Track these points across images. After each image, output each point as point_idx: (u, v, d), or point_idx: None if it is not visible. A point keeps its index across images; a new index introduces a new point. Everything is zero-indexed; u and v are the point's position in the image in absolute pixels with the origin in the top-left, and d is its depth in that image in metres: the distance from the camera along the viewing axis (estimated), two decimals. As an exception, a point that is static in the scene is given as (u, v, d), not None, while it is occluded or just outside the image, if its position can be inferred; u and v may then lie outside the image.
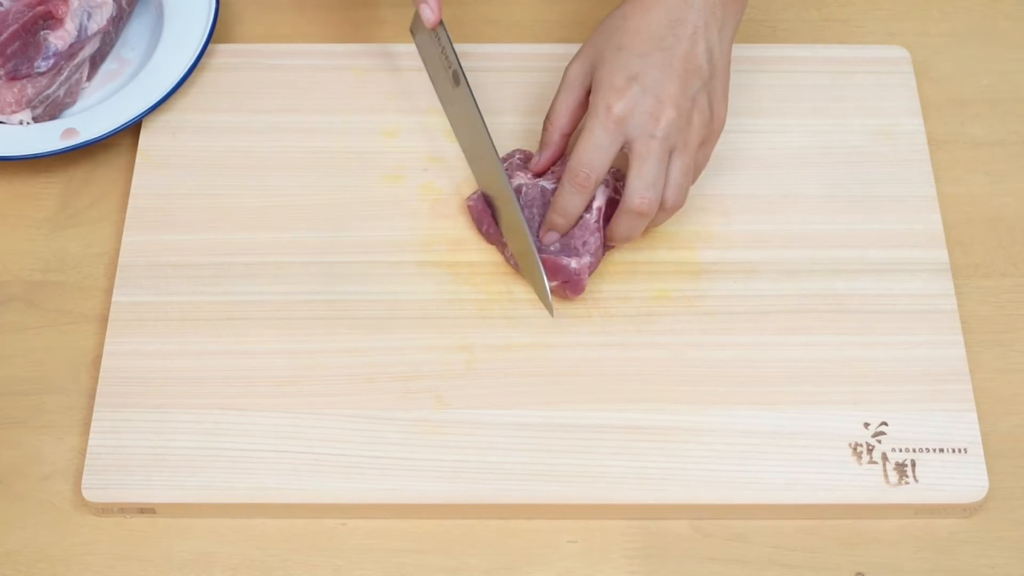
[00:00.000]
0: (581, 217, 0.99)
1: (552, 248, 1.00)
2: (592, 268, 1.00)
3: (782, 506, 0.93)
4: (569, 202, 0.99)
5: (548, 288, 0.99)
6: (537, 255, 0.99)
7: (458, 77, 1.03)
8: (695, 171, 1.00)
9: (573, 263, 0.98)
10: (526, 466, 0.94)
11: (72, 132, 1.07)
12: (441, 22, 1.03)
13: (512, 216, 1.00)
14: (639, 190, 0.97)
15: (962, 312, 1.01)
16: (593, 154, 0.97)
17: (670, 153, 0.97)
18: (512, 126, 1.08)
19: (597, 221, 1.00)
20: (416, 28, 1.06)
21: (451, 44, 1.03)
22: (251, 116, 1.10)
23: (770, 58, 1.13)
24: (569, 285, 0.99)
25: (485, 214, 1.02)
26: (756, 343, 0.99)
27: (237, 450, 0.95)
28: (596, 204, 1.00)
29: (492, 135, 1.02)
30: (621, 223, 0.98)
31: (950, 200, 1.07)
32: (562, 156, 1.03)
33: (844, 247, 1.03)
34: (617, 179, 1.03)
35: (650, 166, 0.96)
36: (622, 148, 0.97)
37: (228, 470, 0.94)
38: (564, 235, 1.00)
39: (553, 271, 0.99)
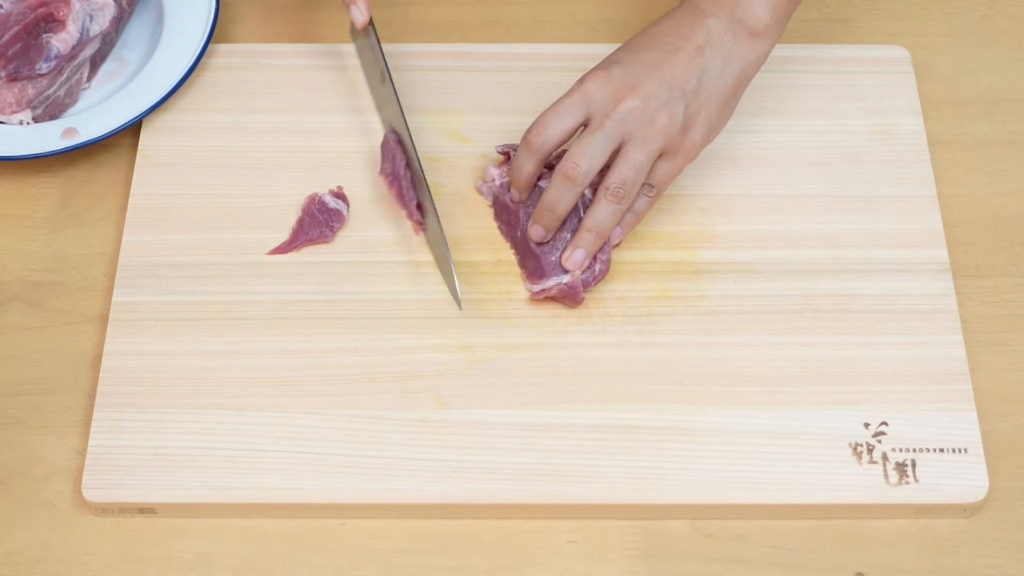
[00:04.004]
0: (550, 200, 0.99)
1: (553, 258, 0.99)
2: (598, 278, 0.99)
3: (782, 506, 0.93)
4: (518, 166, 0.99)
5: (458, 285, 0.99)
6: (450, 257, 0.99)
7: (384, 76, 1.05)
8: (659, 181, 0.99)
9: (566, 278, 0.99)
10: (526, 466, 0.94)
11: (72, 132, 1.07)
12: (371, 22, 1.06)
13: (432, 222, 1.01)
14: (573, 155, 0.97)
15: (962, 312, 1.01)
16: (550, 117, 0.98)
17: (622, 140, 0.97)
18: (510, 125, 1.08)
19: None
20: (353, 30, 1.08)
21: (379, 44, 1.05)
22: (251, 116, 1.10)
23: (770, 58, 1.12)
24: (567, 298, 0.99)
25: (396, 151, 1.03)
26: (756, 343, 0.99)
27: (237, 450, 0.95)
28: None
29: (492, 134, 1.02)
30: (550, 187, 0.98)
31: (950, 200, 1.07)
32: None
33: (844, 247, 1.03)
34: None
35: (594, 140, 0.96)
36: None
37: (228, 470, 0.94)
38: (552, 227, 0.99)
39: (549, 285, 0.99)
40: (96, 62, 1.12)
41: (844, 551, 0.93)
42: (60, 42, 1.08)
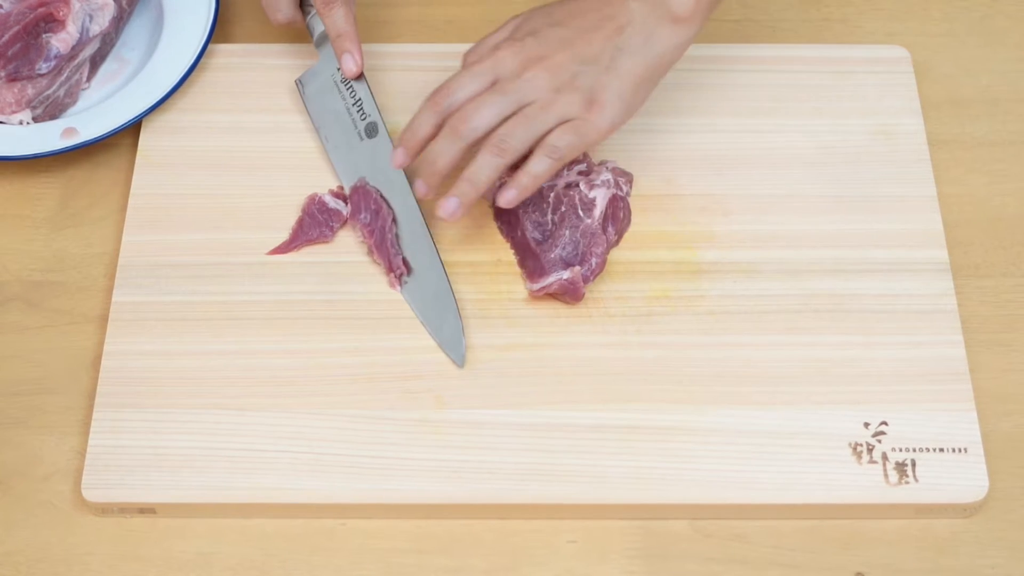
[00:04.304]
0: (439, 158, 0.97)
1: (552, 255, 0.99)
2: (596, 272, 0.99)
3: (782, 506, 0.93)
4: (417, 125, 0.98)
5: (463, 336, 0.98)
6: (455, 303, 0.99)
7: (374, 128, 1.04)
8: (560, 143, 0.95)
9: (566, 274, 0.98)
10: (526, 466, 0.94)
11: (72, 132, 1.07)
12: (362, 73, 1.06)
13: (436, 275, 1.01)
14: (466, 110, 0.96)
15: (962, 312, 1.01)
16: (457, 81, 0.97)
17: (520, 105, 0.96)
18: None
19: (600, 223, 1.00)
20: (308, 78, 1.08)
21: (370, 95, 1.06)
22: (251, 116, 1.10)
23: (770, 58, 1.13)
24: (568, 294, 0.99)
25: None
26: (756, 343, 0.99)
27: (237, 450, 0.95)
28: (598, 208, 1.01)
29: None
30: (435, 140, 0.97)
31: (950, 200, 1.07)
32: None
33: (844, 247, 1.03)
34: (617, 175, 1.03)
35: (490, 98, 0.96)
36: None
37: (228, 470, 0.94)
38: (434, 183, 0.98)
39: (550, 281, 0.99)
40: (96, 62, 1.12)
41: (844, 551, 0.93)
42: (60, 42, 1.08)
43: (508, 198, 0.96)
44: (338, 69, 1.07)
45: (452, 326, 0.98)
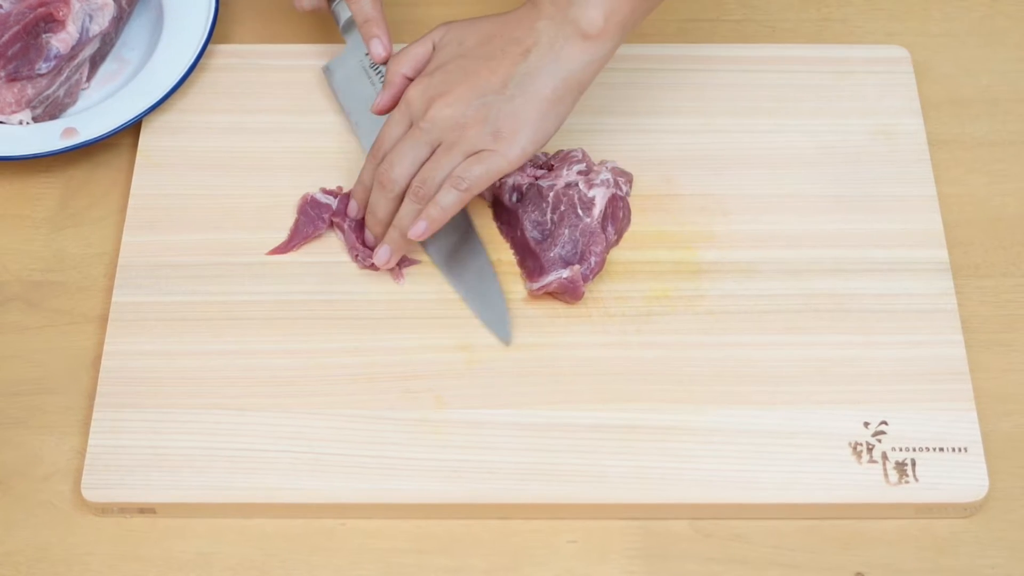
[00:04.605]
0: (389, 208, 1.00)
1: (552, 254, 0.99)
2: (595, 271, 0.99)
3: (782, 506, 0.93)
4: (362, 180, 1.01)
5: (508, 317, 0.99)
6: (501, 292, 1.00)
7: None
8: (466, 174, 0.96)
9: (565, 273, 0.98)
10: (526, 466, 0.94)
11: (72, 132, 1.07)
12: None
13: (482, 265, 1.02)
14: (386, 161, 0.98)
15: (962, 312, 1.01)
16: (386, 130, 0.99)
17: (435, 146, 0.97)
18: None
19: (600, 223, 1.00)
20: (336, 65, 1.09)
21: None
22: (251, 116, 1.10)
23: (770, 58, 1.13)
24: (567, 293, 0.99)
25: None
26: (756, 343, 0.99)
27: (237, 450, 0.95)
28: (598, 207, 1.01)
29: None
30: (372, 193, 0.99)
31: (950, 200, 1.07)
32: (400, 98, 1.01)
33: (844, 247, 1.03)
34: (617, 175, 1.03)
35: (404, 146, 0.98)
36: None
37: (228, 470, 0.94)
38: (379, 233, 1.00)
39: (549, 280, 0.99)
40: (96, 62, 1.12)
41: (844, 551, 0.93)
42: (60, 42, 1.08)
43: (418, 231, 0.97)
44: (366, 54, 1.07)
45: (498, 305, 0.99)
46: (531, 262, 1.01)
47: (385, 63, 1.06)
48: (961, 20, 1.17)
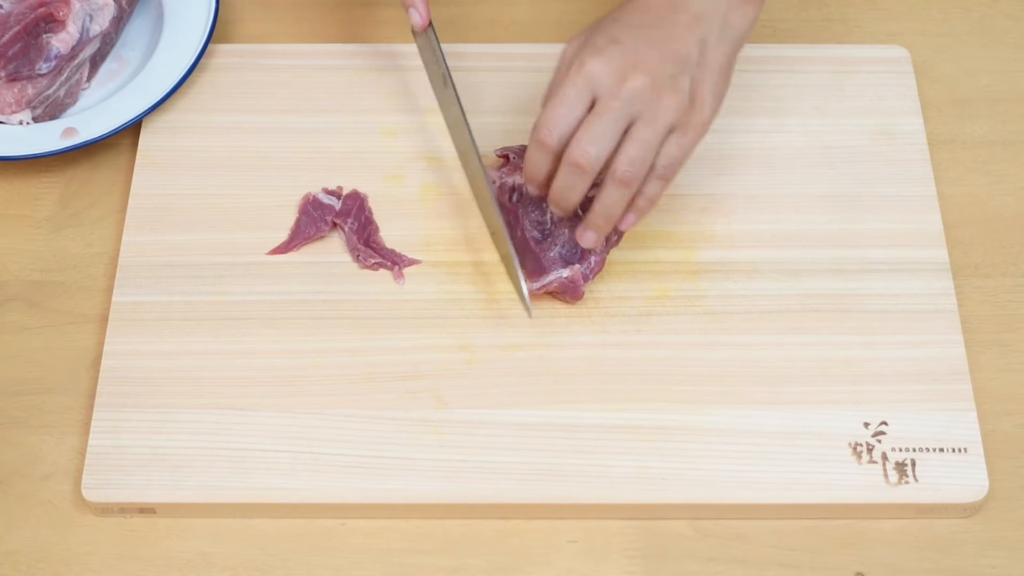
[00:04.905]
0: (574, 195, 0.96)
1: (552, 254, 0.99)
2: (595, 271, 1.00)
3: (782, 506, 0.93)
4: (535, 164, 0.95)
5: (526, 290, 0.98)
6: (515, 258, 0.98)
7: (446, 79, 1.03)
8: (669, 161, 0.94)
9: (565, 272, 0.98)
10: (526, 466, 0.94)
11: (72, 132, 1.07)
12: (431, 24, 1.03)
13: (491, 219, 1.00)
14: (581, 142, 0.93)
15: (962, 312, 1.01)
16: (559, 110, 0.93)
17: (631, 121, 0.93)
18: (511, 125, 1.08)
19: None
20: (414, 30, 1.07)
21: (439, 46, 1.03)
22: (251, 116, 1.10)
23: (770, 58, 1.13)
24: (567, 292, 0.99)
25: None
26: (756, 343, 0.99)
27: (237, 450, 0.95)
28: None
29: (492, 134, 1.02)
30: (559, 177, 0.95)
31: (950, 200, 1.07)
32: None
33: (844, 247, 1.03)
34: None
35: (602, 123, 0.92)
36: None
37: (228, 470, 0.94)
38: (570, 217, 0.98)
39: (550, 280, 0.99)
40: (96, 62, 1.12)
41: (844, 551, 0.93)
42: (60, 42, 1.08)
43: (628, 223, 0.97)
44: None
45: (518, 281, 0.98)
46: (531, 262, 1.01)
47: (423, 31, 1.03)
48: (961, 20, 1.17)
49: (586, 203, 0.97)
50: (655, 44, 0.94)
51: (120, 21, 1.13)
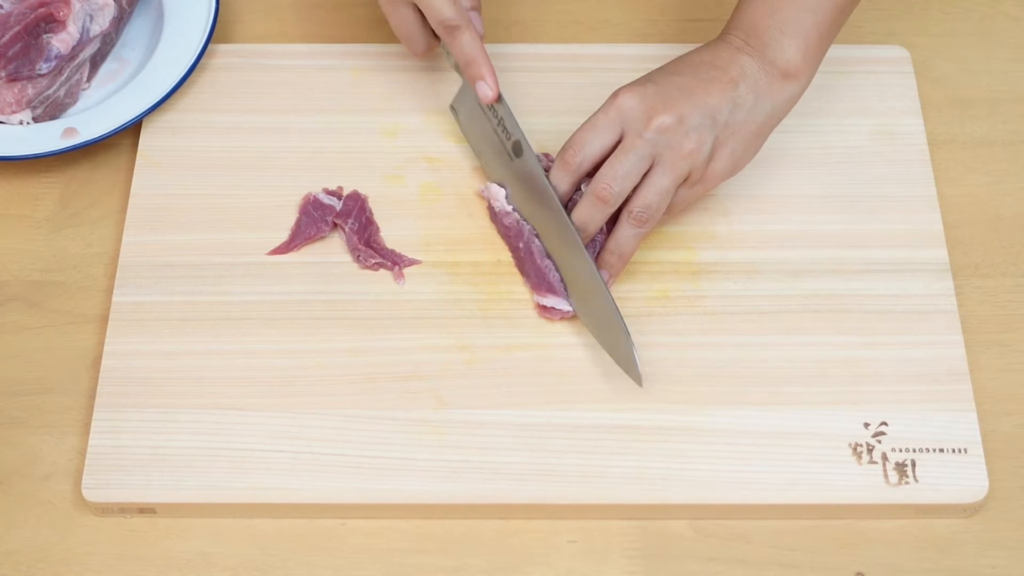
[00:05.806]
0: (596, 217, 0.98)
1: (552, 278, 1.00)
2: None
3: (782, 506, 0.93)
4: (557, 181, 0.98)
5: (637, 357, 0.95)
6: (622, 320, 0.95)
7: (519, 147, 1.01)
8: (676, 205, 0.99)
9: (567, 308, 0.99)
10: (526, 466, 0.94)
11: (72, 132, 1.07)
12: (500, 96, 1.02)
13: (596, 287, 0.98)
14: (606, 177, 0.96)
15: (962, 312, 1.01)
16: (587, 135, 0.97)
17: (653, 160, 0.96)
18: (512, 126, 1.08)
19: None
20: (459, 103, 1.06)
21: (511, 114, 1.02)
22: (251, 116, 1.10)
23: (770, 58, 1.13)
24: (567, 319, 0.99)
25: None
26: (756, 343, 0.99)
27: (237, 450, 0.95)
28: None
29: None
30: (581, 206, 0.97)
31: (950, 200, 1.07)
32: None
33: (844, 247, 1.03)
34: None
35: (627, 160, 0.96)
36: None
37: (228, 470, 0.94)
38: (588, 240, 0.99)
39: (552, 305, 0.99)
40: (96, 62, 1.12)
41: (844, 551, 0.93)
42: (60, 42, 1.08)
43: (628, 236, 0.98)
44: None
45: (625, 345, 0.96)
46: (534, 277, 1.00)
47: (495, 103, 1.02)
48: (961, 20, 1.17)
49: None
50: (690, 93, 0.96)
51: (120, 21, 1.13)
